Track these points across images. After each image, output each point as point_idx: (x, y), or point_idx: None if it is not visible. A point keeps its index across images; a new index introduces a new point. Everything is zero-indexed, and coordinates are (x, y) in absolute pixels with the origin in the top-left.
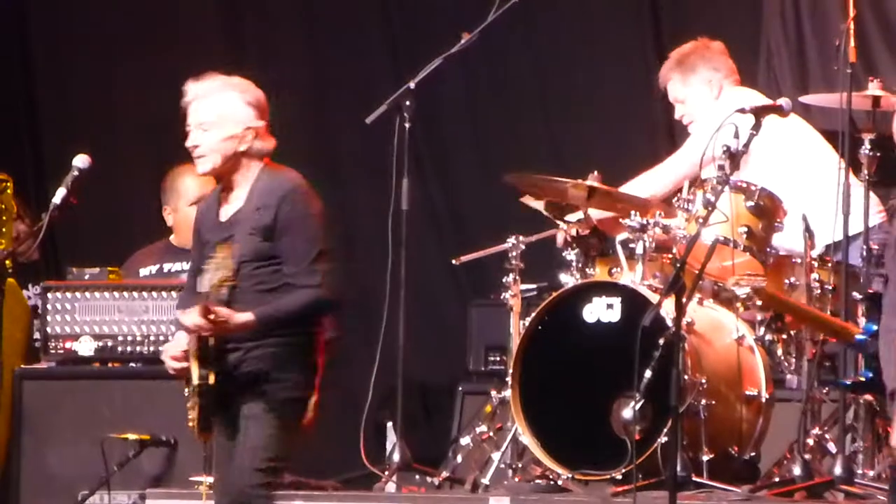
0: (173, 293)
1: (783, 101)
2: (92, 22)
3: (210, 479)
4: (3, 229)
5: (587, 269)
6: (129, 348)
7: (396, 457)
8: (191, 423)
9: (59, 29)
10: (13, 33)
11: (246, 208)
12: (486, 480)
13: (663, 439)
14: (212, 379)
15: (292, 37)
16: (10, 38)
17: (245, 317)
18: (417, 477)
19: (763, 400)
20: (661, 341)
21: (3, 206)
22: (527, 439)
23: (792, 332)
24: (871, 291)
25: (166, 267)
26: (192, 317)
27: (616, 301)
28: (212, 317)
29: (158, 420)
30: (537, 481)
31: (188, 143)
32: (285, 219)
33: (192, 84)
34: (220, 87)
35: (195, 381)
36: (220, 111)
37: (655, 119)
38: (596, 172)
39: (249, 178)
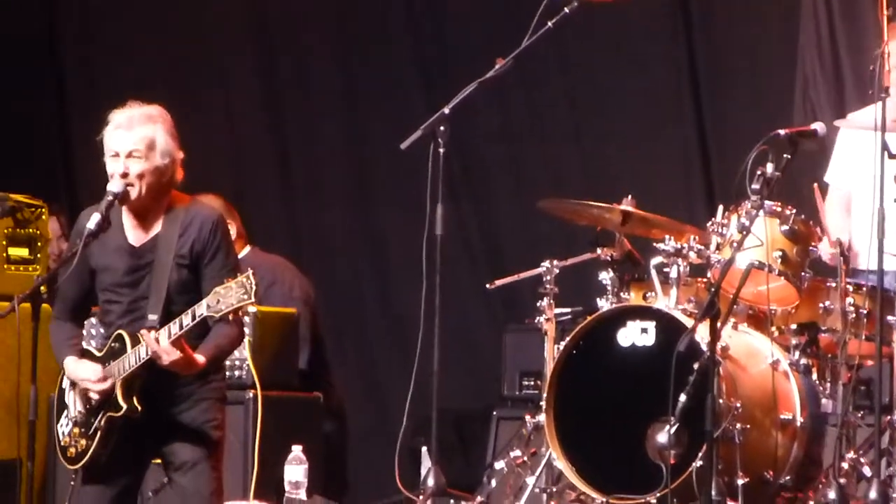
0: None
1: (818, 126)
2: (125, 51)
3: None
4: (39, 255)
5: (622, 294)
6: None
7: (431, 482)
8: (78, 453)
9: (93, 59)
10: (49, 64)
11: (166, 234)
12: None
13: (698, 464)
14: (138, 412)
15: (326, 64)
16: (45, 68)
17: (199, 358)
18: (452, 502)
19: (798, 424)
20: (696, 366)
21: (39, 233)
22: (561, 464)
23: (827, 357)
24: None
25: None
26: (164, 342)
27: (650, 325)
28: (180, 353)
29: None
30: None
31: (117, 170)
32: (214, 247)
33: (118, 113)
34: (146, 117)
35: (120, 409)
36: (149, 142)
37: (689, 144)
38: (630, 197)
39: (164, 206)
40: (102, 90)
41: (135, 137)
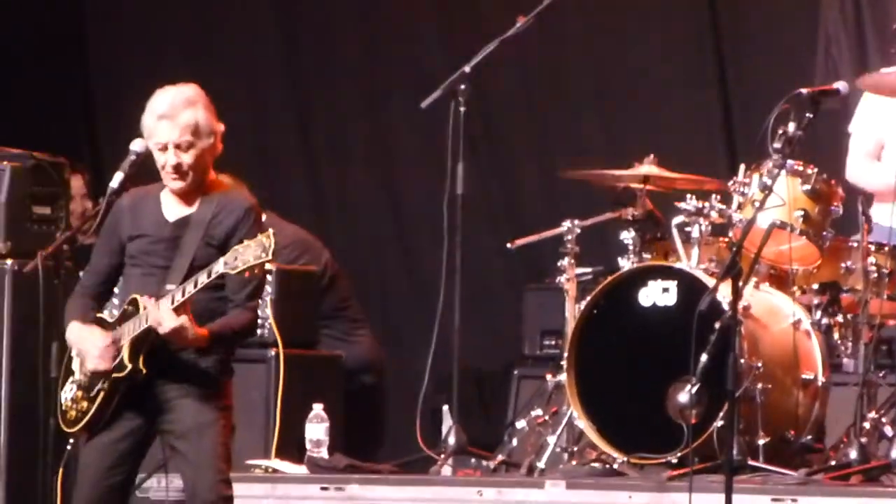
0: None
1: (840, 85)
2: (147, 14)
3: (267, 463)
4: (62, 213)
5: (643, 253)
6: None
7: (452, 440)
8: (78, 415)
9: (115, 20)
10: (71, 23)
11: (200, 214)
12: (541, 464)
13: (719, 423)
14: (141, 374)
15: (347, 23)
16: (68, 27)
17: (200, 331)
18: (473, 460)
19: (819, 384)
20: (718, 325)
21: (62, 191)
22: (582, 423)
23: (848, 316)
24: None
25: None
26: (167, 308)
27: (672, 285)
28: (183, 321)
29: None
30: (593, 465)
31: (169, 162)
32: (244, 232)
33: (157, 101)
34: (186, 101)
35: (124, 370)
36: (194, 128)
37: (711, 106)
38: (652, 156)
39: (202, 185)
40: (125, 47)
41: (181, 126)
